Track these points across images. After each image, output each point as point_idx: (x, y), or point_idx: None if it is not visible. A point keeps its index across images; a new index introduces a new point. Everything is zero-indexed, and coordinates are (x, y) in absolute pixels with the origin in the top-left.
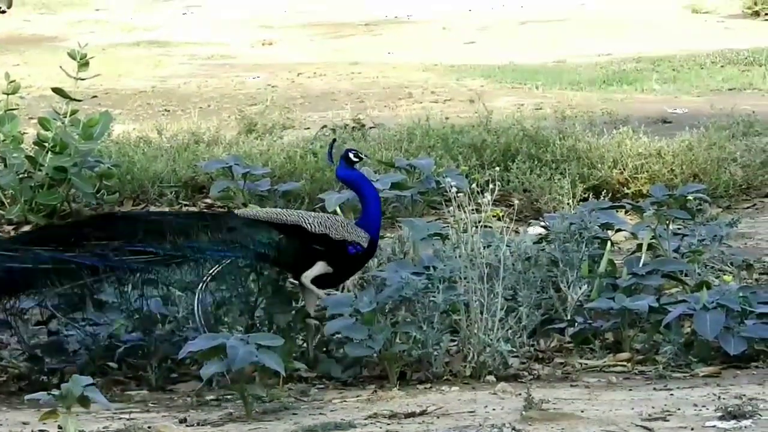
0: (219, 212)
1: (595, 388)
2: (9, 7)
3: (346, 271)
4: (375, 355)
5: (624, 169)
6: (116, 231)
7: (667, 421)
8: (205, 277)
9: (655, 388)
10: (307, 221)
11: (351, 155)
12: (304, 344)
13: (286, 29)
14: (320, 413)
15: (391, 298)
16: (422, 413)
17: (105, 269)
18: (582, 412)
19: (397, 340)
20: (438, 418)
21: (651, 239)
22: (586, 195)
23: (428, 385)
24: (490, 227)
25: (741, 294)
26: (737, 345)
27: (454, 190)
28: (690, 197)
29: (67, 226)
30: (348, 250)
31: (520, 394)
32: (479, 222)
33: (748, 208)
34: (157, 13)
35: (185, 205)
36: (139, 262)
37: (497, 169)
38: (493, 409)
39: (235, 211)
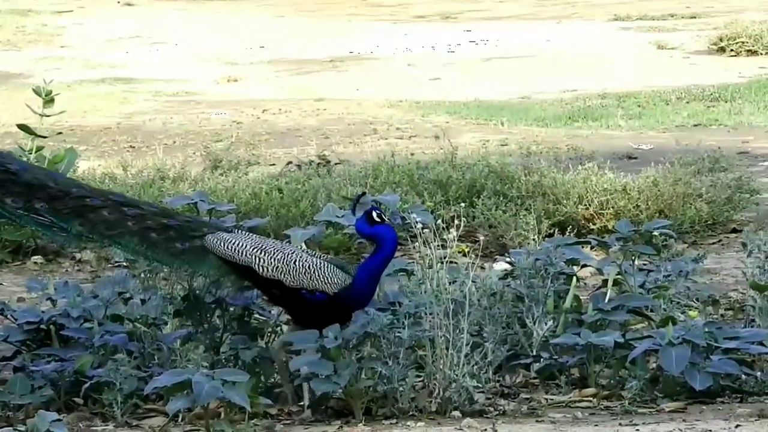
0: (194, 225)
1: (561, 423)
2: None
3: (311, 320)
4: (340, 390)
5: (589, 205)
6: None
7: None
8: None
9: (621, 424)
10: (261, 262)
11: (374, 214)
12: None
13: (250, 66)
14: None
15: (356, 334)
16: None
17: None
18: None
19: (363, 376)
20: None
21: (617, 275)
22: (552, 231)
23: (394, 421)
24: (456, 263)
25: (707, 329)
26: (703, 380)
27: (419, 225)
28: (655, 233)
29: None
30: (305, 297)
31: (485, 430)
32: (445, 258)
33: (713, 243)
34: (121, 50)
35: None
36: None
37: (462, 205)
38: None
39: (207, 237)
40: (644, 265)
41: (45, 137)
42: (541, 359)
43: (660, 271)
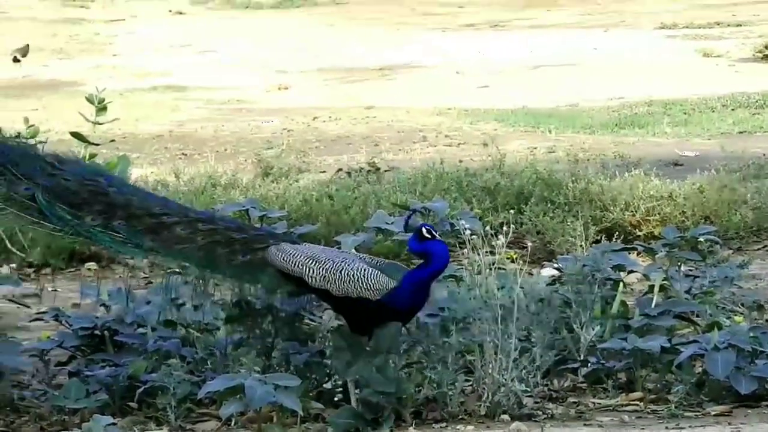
0: (261, 238)
1: (609, 427)
2: (24, 56)
3: (360, 324)
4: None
5: (636, 212)
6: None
7: None
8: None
9: (667, 427)
10: (310, 272)
11: (424, 231)
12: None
13: (300, 74)
14: None
15: (406, 340)
16: None
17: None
18: None
19: (411, 381)
20: None
21: (663, 281)
22: (599, 237)
23: (443, 425)
24: (504, 269)
25: (752, 334)
26: (748, 384)
27: (468, 232)
28: (701, 239)
29: None
30: (348, 305)
31: None
32: (493, 264)
33: (758, 249)
34: (172, 59)
35: None
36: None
37: (511, 211)
38: None
39: (270, 249)
40: (690, 270)
41: (98, 145)
42: (589, 364)
43: (705, 276)
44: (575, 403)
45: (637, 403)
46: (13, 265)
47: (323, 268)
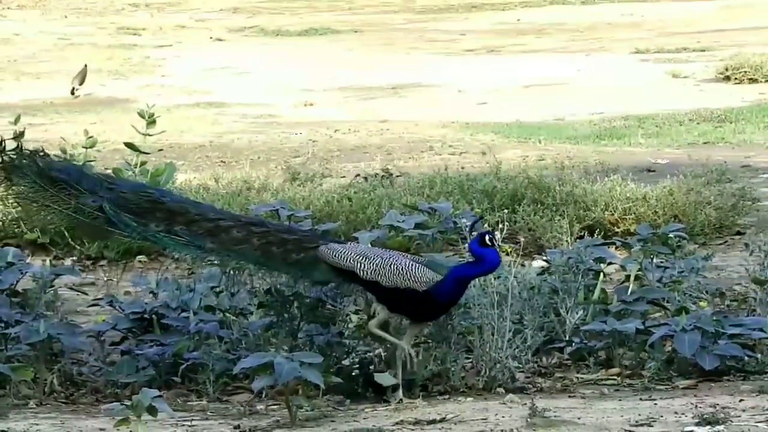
0: (310, 239)
1: (590, 398)
2: (83, 81)
3: (407, 313)
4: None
5: (614, 211)
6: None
7: (652, 426)
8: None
9: (641, 399)
10: (361, 267)
11: (487, 238)
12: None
13: (324, 92)
14: (354, 420)
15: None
16: (442, 420)
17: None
18: (579, 419)
19: (421, 358)
20: (455, 424)
21: (638, 271)
22: (582, 233)
23: (447, 396)
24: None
25: (715, 318)
26: (711, 361)
27: (468, 229)
28: (671, 235)
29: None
30: (399, 294)
31: (525, 404)
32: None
33: (720, 244)
34: (213, 79)
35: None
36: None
37: (506, 211)
38: (503, 417)
39: (321, 248)
40: (661, 262)
41: (148, 153)
42: (573, 343)
43: (675, 268)
44: (561, 377)
45: (615, 377)
46: (74, 258)
47: (373, 263)
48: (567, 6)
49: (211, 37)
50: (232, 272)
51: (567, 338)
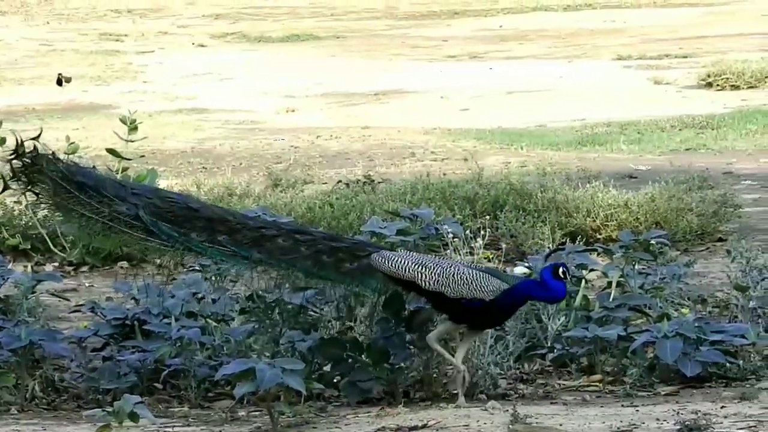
0: (360, 246)
1: (572, 405)
2: (68, 81)
3: (469, 322)
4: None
5: (596, 218)
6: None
7: None
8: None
9: (623, 405)
10: (423, 277)
11: (560, 270)
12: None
13: (306, 99)
14: (336, 427)
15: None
16: (424, 427)
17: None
18: (560, 425)
19: (402, 365)
20: (437, 431)
21: (619, 278)
22: (564, 240)
23: (429, 403)
24: None
25: (696, 324)
26: (693, 368)
27: (450, 235)
28: (653, 242)
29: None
30: (464, 305)
31: (507, 410)
32: (472, 263)
33: (702, 250)
34: (195, 85)
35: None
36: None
37: (487, 217)
38: (485, 423)
39: (373, 257)
40: (643, 269)
41: (130, 159)
42: (555, 350)
43: (656, 274)
44: (543, 384)
45: (597, 384)
46: (56, 264)
47: (435, 273)
48: (549, 12)
49: (193, 43)
50: (213, 278)
51: (549, 345)
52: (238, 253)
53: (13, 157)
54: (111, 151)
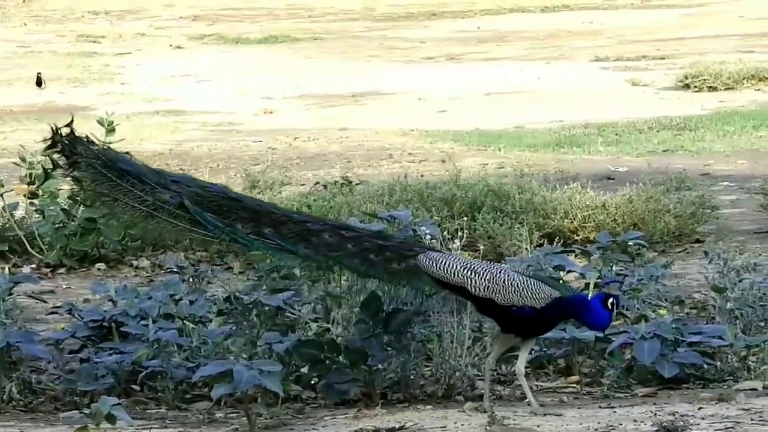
0: (406, 246)
1: (549, 406)
2: (44, 84)
3: (519, 330)
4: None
5: (574, 219)
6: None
7: None
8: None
9: (600, 407)
10: (473, 283)
11: (611, 301)
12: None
13: (284, 100)
14: (313, 428)
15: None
16: (401, 428)
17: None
18: (538, 427)
19: (380, 366)
20: None
21: (597, 279)
22: (542, 241)
23: (406, 404)
24: None
25: (674, 325)
26: (671, 369)
27: (428, 237)
28: (630, 243)
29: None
30: (515, 313)
31: (485, 412)
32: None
33: (680, 252)
34: (173, 87)
35: (198, 251)
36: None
37: (465, 219)
38: (462, 425)
39: (420, 258)
40: (620, 270)
41: None
42: (532, 351)
43: (634, 275)
44: (521, 385)
45: (575, 385)
46: (33, 266)
47: (485, 279)
48: (527, 14)
49: (170, 45)
50: (190, 280)
51: None
52: (284, 247)
53: (50, 146)
54: None
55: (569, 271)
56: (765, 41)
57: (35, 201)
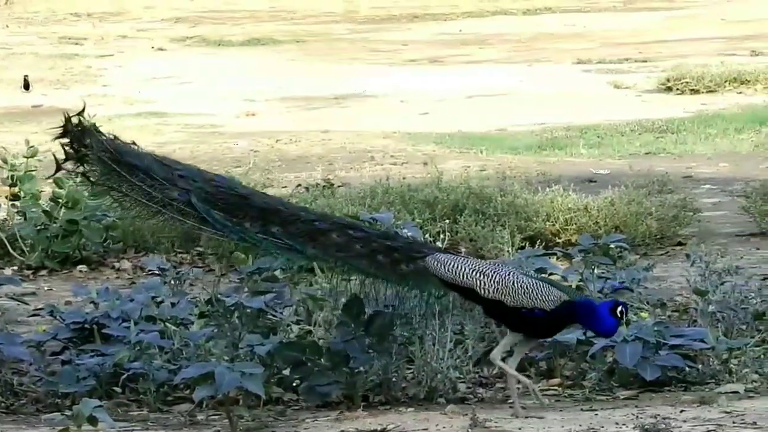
0: (415, 247)
1: (531, 408)
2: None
3: (528, 332)
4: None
5: (556, 222)
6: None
7: None
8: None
9: (582, 409)
10: (482, 285)
11: (619, 309)
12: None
13: (266, 102)
14: (295, 431)
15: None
16: (383, 431)
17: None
18: (519, 429)
19: (362, 368)
20: None
21: (579, 281)
22: (524, 244)
23: (388, 407)
24: None
25: (656, 328)
26: (653, 372)
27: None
28: (612, 246)
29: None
30: (524, 315)
31: (466, 414)
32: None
33: (661, 254)
34: (155, 89)
35: (179, 253)
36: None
37: (447, 221)
38: (444, 427)
39: (428, 260)
40: (602, 273)
41: None
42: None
43: (616, 278)
44: (502, 388)
45: (556, 388)
46: (14, 268)
47: (494, 281)
48: (509, 17)
49: (153, 47)
50: (172, 282)
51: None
52: (292, 246)
53: (62, 134)
54: None
55: (551, 274)
56: (747, 44)
57: (17, 203)
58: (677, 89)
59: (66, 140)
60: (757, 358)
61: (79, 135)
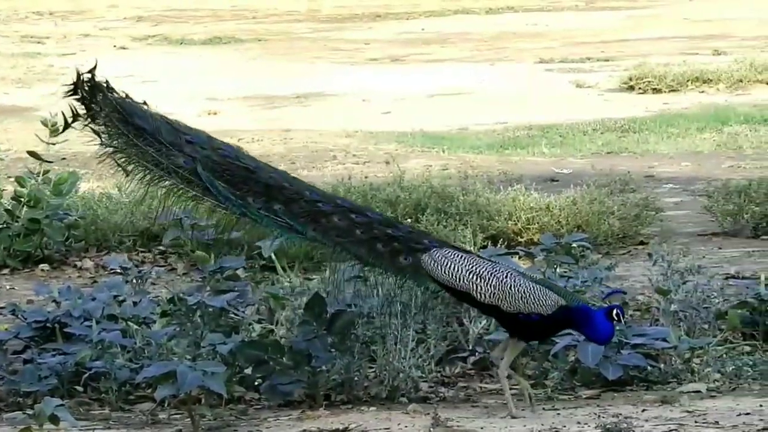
0: (416, 237)
1: (494, 408)
2: None
3: (527, 336)
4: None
5: (518, 221)
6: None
7: None
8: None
9: (544, 408)
10: (478, 289)
11: (615, 312)
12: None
13: (228, 101)
14: (257, 430)
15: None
16: (345, 430)
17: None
18: (482, 428)
19: (324, 367)
20: None
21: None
22: (486, 243)
23: (350, 406)
24: None
25: (618, 327)
26: (614, 371)
27: None
28: (574, 245)
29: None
30: (521, 319)
31: (428, 414)
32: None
33: (623, 254)
34: (117, 87)
35: (141, 252)
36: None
37: (409, 220)
38: (406, 427)
39: (423, 258)
40: (565, 272)
41: (51, 162)
42: (476, 353)
43: (578, 277)
44: (464, 387)
45: (518, 387)
46: None
47: (490, 285)
48: (471, 16)
49: (115, 46)
50: (134, 281)
51: (470, 348)
52: (293, 226)
53: (72, 90)
54: (32, 154)
55: None
56: (709, 43)
57: None
58: (639, 88)
59: (76, 97)
60: (719, 357)
61: (89, 92)
